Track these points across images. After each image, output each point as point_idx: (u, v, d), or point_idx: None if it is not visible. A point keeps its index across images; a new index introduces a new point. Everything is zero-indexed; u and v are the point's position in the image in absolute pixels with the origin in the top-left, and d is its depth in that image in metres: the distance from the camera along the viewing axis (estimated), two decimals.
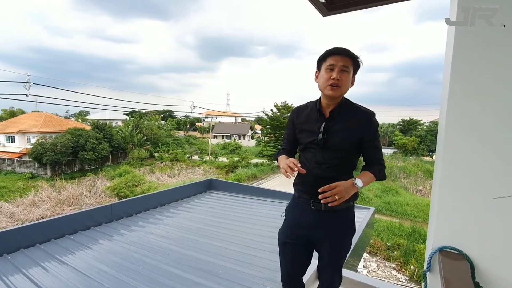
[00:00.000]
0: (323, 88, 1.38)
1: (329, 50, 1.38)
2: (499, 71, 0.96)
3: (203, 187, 6.39)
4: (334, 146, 1.38)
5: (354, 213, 1.51)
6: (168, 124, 44.39)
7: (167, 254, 3.19)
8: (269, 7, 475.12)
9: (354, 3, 2.03)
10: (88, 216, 4.03)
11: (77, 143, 24.23)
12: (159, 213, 4.89)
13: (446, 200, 1.04)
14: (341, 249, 1.48)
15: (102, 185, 19.42)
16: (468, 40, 0.98)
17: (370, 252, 12.55)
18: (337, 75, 1.32)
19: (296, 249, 1.53)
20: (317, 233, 1.46)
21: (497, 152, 0.97)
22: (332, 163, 1.39)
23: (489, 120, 0.98)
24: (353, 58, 1.36)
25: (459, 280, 0.85)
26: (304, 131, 1.48)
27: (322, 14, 2.22)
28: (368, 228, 4.32)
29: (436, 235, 1.06)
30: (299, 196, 1.52)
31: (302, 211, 1.49)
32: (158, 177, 23.54)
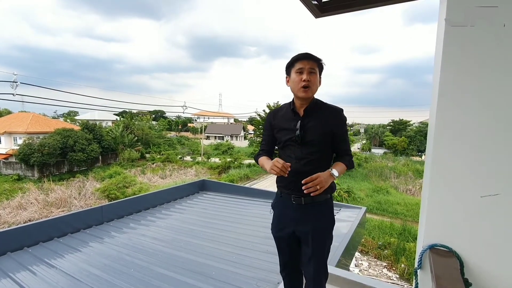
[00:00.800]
0: (296, 90, 1.52)
1: (296, 56, 1.53)
2: (488, 72, 0.99)
3: (195, 188, 6.35)
4: (311, 141, 1.50)
5: (332, 205, 1.63)
6: (159, 124, 43.96)
7: (159, 256, 3.16)
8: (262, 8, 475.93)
9: (346, 6, 2.06)
10: (78, 218, 3.95)
11: (66, 144, 23.73)
12: (151, 214, 4.83)
13: (436, 199, 1.07)
14: (324, 241, 1.57)
15: (91, 186, 19.06)
16: (457, 42, 1.01)
17: (362, 251, 12.70)
18: (307, 76, 1.47)
19: (287, 241, 1.63)
20: (301, 227, 1.55)
21: (485, 152, 1.00)
22: (310, 158, 1.50)
23: (477, 121, 1.01)
24: (317, 61, 1.51)
25: (449, 276, 0.88)
26: (282, 130, 1.60)
27: (315, 15, 2.24)
28: (359, 227, 4.37)
29: (427, 233, 1.08)
30: (281, 193, 1.62)
31: (285, 207, 1.60)
32: (149, 178, 23.27)
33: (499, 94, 0.98)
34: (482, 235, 1.01)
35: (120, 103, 61.47)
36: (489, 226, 1.00)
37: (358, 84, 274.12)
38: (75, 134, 24.85)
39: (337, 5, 2.05)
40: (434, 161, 1.05)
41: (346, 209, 4.83)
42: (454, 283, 0.83)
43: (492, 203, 0.98)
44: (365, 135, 52.07)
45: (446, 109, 1.03)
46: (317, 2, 2.13)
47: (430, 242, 1.06)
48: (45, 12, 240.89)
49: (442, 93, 1.02)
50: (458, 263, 0.98)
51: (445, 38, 1.00)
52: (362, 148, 42.24)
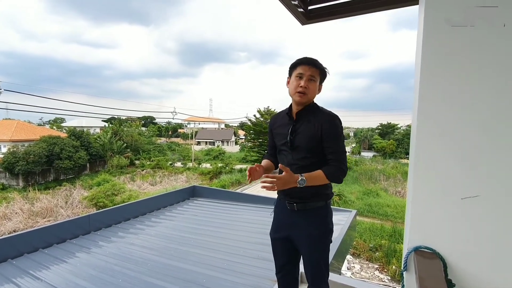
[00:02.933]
0: (292, 94, 1.51)
1: (300, 59, 1.50)
2: (466, 75, 1.03)
3: (186, 194, 6.28)
4: (299, 146, 1.48)
5: (327, 213, 1.55)
6: (149, 130, 43.42)
7: (149, 265, 3.10)
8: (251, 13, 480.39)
9: (331, 13, 2.11)
10: (64, 228, 3.84)
11: (52, 151, 23.13)
12: (140, 222, 4.74)
13: (419, 201, 1.10)
14: (318, 249, 1.53)
15: (79, 195, 18.59)
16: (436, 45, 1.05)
17: (354, 254, 12.77)
18: (305, 83, 1.45)
19: (284, 244, 1.63)
20: (294, 233, 1.55)
21: (464, 154, 1.03)
22: (300, 164, 1.47)
23: (457, 123, 1.04)
24: (320, 69, 1.49)
25: (432, 277, 0.90)
26: (278, 135, 1.61)
27: (301, 23, 2.28)
28: (350, 230, 4.40)
29: (411, 235, 1.11)
30: (279, 197, 1.64)
31: (281, 211, 1.61)
32: (139, 185, 22.88)
33: (477, 97, 1.02)
34: (463, 236, 1.04)
35: (108, 109, 60.50)
36: (470, 227, 1.03)
37: (347, 89, 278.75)
38: (62, 142, 24.26)
39: (322, 13, 2.10)
40: (416, 164, 1.08)
41: (336, 213, 4.86)
42: (438, 284, 0.85)
43: (473, 205, 1.01)
44: (354, 138, 52.81)
45: (426, 113, 1.06)
46: (303, 9, 2.18)
47: (415, 244, 1.08)
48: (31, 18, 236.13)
49: (422, 97, 1.06)
50: (441, 264, 1.01)
51: (424, 43, 1.04)
52: (352, 151, 42.80)
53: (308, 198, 1.49)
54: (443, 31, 1.02)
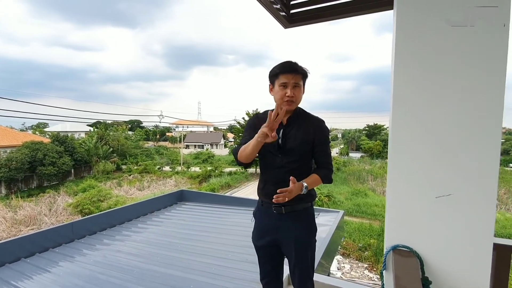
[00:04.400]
0: (280, 103, 1.48)
1: (280, 68, 1.47)
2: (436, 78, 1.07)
3: (174, 199, 6.20)
4: (291, 150, 1.49)
5: (313, 213, 1.62)
6: (136, 134, 42.72)
7: (135, 272, 3.04)
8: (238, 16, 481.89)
9: (312, 17, 2.15)
10: (46, 236, 3.72)
11: (35, 157, 22.38)
12: (127, 229, 4.65)
13: (396, 201, 1.13)
14: (307, 249, 1.56)
15: (63, 202, 18.06)
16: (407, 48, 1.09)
17: (344, 254, 12.91)
18: (291, 92, 1.45)
19: (268, 250, 1.62)
20: (282, 236, 1.55)
21: (438, 154, 1.07)
22: (290, 167, 1.49)
23: (429, 124, 1.08)
24: (302, 73, 1.49)
25: (408, 275, 0.92)
26: None
27: (284, 26, 2.31)
28: (338, 230, 4.46)
29: (389, 235, 1.14)
30: (262, 201, 1.61)
31: (266, 216, 1.59)
32: (126, 191, 22.43)
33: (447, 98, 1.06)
34: (438, 234, 1.07)
35: (94, 113, 59.18)
36: (444, 225, 1.06)
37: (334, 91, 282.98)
38: (45, 147, 23.52)
39: (304, 17, 2.13)
40: (393, 164, 1.11)
41: (324, 214, 4.91)
42: (412, 282, 0.87)
43: (446, 203, 1.05)
44: (342, 140, 53.58)
45: (400, 113, 1.10)
46: (285, 13, 2.21)
47: (393, 243, 1.11)
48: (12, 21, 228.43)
49: (396, 98, 1.09)
50: (418, 262, 1.03)
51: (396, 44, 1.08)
52: (340, 152, 43.40)
53: (295, 201, 1.49)
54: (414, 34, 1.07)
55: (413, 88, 1.09)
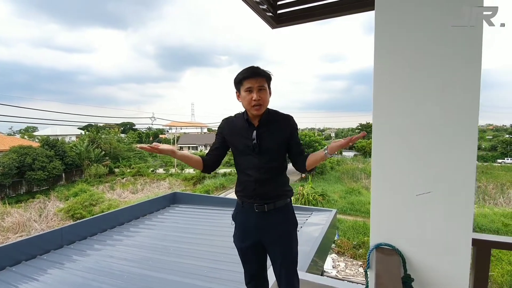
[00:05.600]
0: (248, 108, 1.52)
1: (243, 73, 1.51)
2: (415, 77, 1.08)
3: (166, 202, 6.15)
4: (267, 150, 1.53)
5: (293, 208, 1.67)
6: (129, 137, 42.28)
7: (125, 277, 3.00)
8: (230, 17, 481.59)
9: (300, 17, 2.16)
10: (33, 243, 3.64)
11: (23, 162, 21.91)
12: (118, 233, 4.59)
13: (379, 199, 1.14)
14: (291, 243, 1.59)
15: (54, 207, 17.72)
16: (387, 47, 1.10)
17: (338, 252, 12.98)
18: (257, 95, 1.47)
19: (253, 251, 1.62)
20: (266, 233, 1.56)
21: (417, 153, 1.08)
22: (268, 166, 1.53)
23: (410, 123, 1.10)
24: (265, 76, 1.52)
25: (388, 273, 0.93)
26: (236, 140, 1.60)
27: (271, 26, 2.31)
28: (331, 229, 4.48)
29: (373, 233, 1.14)
30: (242, 202, 1.61)
31: (248, 216, 1.59)
32: (119, 194, 22.15)
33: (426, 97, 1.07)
34: (419, 231, 1.08)
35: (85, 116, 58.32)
36: (424, 222, 1.07)
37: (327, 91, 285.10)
38: (34, 151, 23.04)
39: (291, 17, 2.14)
40: (375, 163, 1.12)
41: (317, 213, 4.93)
42: (392, 280, 0.88)
43: (426, 201, 1.06)
44: (336, 138, 54.01)
45: (381, 113, 1.11)
46: (272, 14, 2.21)
47: (377, 241, 1.12)
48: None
49: (377, 97, 1.10)
50: (399, 260, 1.04)
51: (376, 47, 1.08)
52: None
53: (276, 197, 1.55)
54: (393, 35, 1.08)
55: (393, 89, 1.10)
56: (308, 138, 26.42)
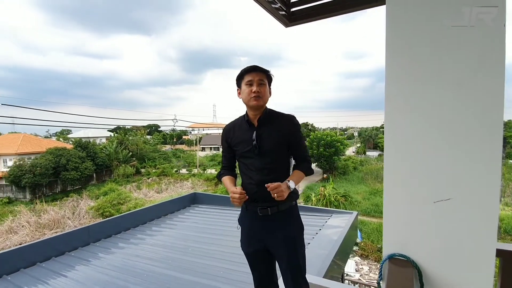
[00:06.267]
0: (247, 101, 1.53)
1: (244, 69, 1.56)
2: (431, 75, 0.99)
3: (186, 202, 6.27)
4: (268, 150, 1.51)
5: (298, 211, 1.62)
6: (154, 138, 43.76)
7: (145, 276, 3.08)
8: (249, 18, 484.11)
9: (313, 14, 2.09)
10: (62, 240, 3.85)
11: (58, 163, 23.42)
12: (141, 232, 4.73)
13: (392, 206, 1.05)
14: (297, 248, 1.54)
15: (86, 205, 18.74)
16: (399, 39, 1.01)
17: (362, 255, 12.59)
18: (257, 88, 1.50)
19: (259, 256, 1.60)
20: (271, 238, 1.53)
21: (435, 156, 0.98)
22: (270, 167, 1.51)
23: (425, 124, 1.00)
24: (265, 73, 1.55)
25: (401, 286, 0.85)
26: (238, 143, 1.60)
27: (284, 25, 2.27)
28: (352, 232, 4.34)
29: (386, 243, 1.06)
30: (246, 206, 1.58)
31: (252, 220, 1.58)
32: (145, 193, 22.98)
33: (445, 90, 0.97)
34: (436, 241, 0.98)
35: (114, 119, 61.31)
36: (443, 232, 0.98)
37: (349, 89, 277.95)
38: (68, 153, 24.56)
39: (304, 15, 2.08)
40: (388, 168, 1.04)
41: (337, 215, 4.79)
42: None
43: (445, 208, 0.96)
44: (359, 138, 52.43)
45: (394, 114, 1.02)
46: (285, 12, 2.17)
47: (390, 252, 1.03)
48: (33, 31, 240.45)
49: (389, 98, 1.02)
50: (413, 272, 0.95)
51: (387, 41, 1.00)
52: (357, 151, 42.47)
53: (280, 200, 1.49)
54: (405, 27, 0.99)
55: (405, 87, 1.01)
56: (329, 138, 25.82)
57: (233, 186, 1.57)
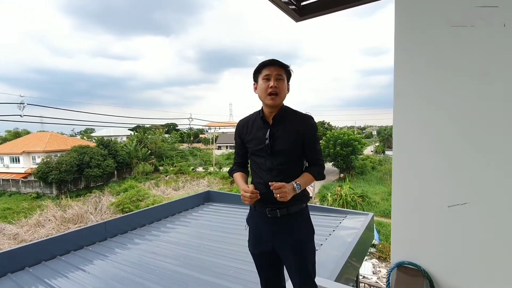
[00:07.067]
0: (264, 97, 1.47)
1: (262, 62, 1.48)
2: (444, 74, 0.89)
3: (200, 200, 6.33)
4: (280, 150, 1.44)
5: (309, 214, 1.55)
6: (172, 137, 44.68)
7: (158, 272, 3.12)
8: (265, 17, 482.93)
9: (324, 7, 2.02)
10: (81, 235, 3.98)
11: (82, 160, 24.47)
12: (156, 228, 4.82)
13: (401, 210, 0.97)
14: (306, 252, 1.48)
15: (107, 201, 19.47)
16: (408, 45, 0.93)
17: (380, 257, 12.25)
18: (274, 83, 1.42)
19: (266, 258, 1.55)
20: (279, 241, 1.48)
21: (449, 153, 0.89)
22: (281, 168, 1.44)
23: (439, 122, 0.91)
24: (284, 68, 1.47)
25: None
26: (251, 140, 1.54)
27: (295, 20, 2.21)
28: (367, 234, 4.20)
29: (395, 249, 0.98)
30: (254, 206, 1.53)
31: (260, 221, 1.52)
32: (163, 191, 23.53)
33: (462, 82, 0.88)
34: (451, 249, 0.89)
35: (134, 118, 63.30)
36: (459, 239, 0.88)
37: (369, 86, 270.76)
38: (91, 151, 25.60)
39: (315, 7, 2.01)
40: (397, 170, 0.95)
41: (352, 216, 4.65)
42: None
43: (461, 213, 0.87)
44: (378, 137, 50.94)
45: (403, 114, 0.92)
46: (296, 6, 2.11)
47: (398, 259, 0.95)
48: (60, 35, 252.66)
49: (398, 95, 0.93)
50: (424, 282, 0.87)
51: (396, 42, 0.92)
52: (375, 150, 41.29)
53: (290, 202, 1.43)
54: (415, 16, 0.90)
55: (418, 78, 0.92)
56: (346, 137, 25.24)
57: (244, 184, 1.52)
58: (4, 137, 42.53)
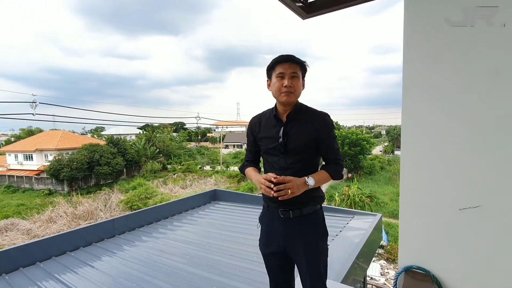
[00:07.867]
0: (277, 95, 1.41)
1: (276, 58, 1.41)
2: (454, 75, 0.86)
3: (207, 198, 6.35)
4: (294, 149, 1.40)
5: (323, 216, 1.50)
6: (179, 136, 45.07)
7: (164, 270, 3.14)
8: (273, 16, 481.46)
9: (331, 4, 1.99)
10: (90, 231, 4.05)
11: (92, 158, 24.92)
12: (163, 226, 4.86)
13: (409, 213, 0.94)
14: (318, 255, 1.44)
15: (116, 198, 19.79)
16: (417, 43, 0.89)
17: (388, 259, 12.09)
18: (289, 82, 1.36)
19: (278, 258, 1.52)
20: (291, 242, 1.44)
21: (460, 154, 0.85)
22: (295, 167, 1.39)
23: (451, 121, 0.87)
24: (300, 64, 1.40)
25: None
26: (264, 138, 1.49)
27: (301, 17, 2.18)
28: (375, 234, 4.14)
29: (402, 253, 0.95)
30: (267, 206, 1.50)
31: (272, 221, 1.49)
32: (171, 189, 23.75)
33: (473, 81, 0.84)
34: (462, 254, 0.85)
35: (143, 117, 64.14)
36: (471, 243, 0.84)
37: (378, 85, 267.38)
38: (101, 149, 26.05)
39: (323, 4, 1.98)
40: (405, 169, 0.92)
41: (359, 217, 4.59)
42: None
43: (473, 217, 0.83)
44: (387, 137, 50.21)
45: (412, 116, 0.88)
46: (302, 3, 2.08)
47: (406, 263, 0.92)
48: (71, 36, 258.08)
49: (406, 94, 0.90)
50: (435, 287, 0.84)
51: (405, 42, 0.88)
52: (384, 150, 40.74)
53: (303, 203, 1.40)
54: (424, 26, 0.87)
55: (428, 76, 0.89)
56: (355, 136, 24.96)
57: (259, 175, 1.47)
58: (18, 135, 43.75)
